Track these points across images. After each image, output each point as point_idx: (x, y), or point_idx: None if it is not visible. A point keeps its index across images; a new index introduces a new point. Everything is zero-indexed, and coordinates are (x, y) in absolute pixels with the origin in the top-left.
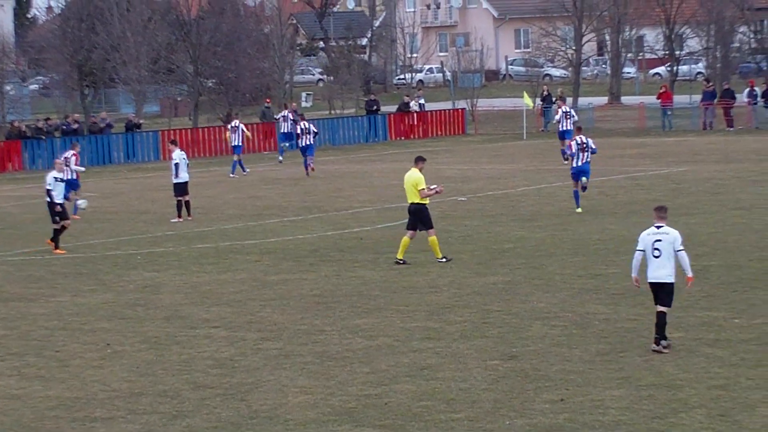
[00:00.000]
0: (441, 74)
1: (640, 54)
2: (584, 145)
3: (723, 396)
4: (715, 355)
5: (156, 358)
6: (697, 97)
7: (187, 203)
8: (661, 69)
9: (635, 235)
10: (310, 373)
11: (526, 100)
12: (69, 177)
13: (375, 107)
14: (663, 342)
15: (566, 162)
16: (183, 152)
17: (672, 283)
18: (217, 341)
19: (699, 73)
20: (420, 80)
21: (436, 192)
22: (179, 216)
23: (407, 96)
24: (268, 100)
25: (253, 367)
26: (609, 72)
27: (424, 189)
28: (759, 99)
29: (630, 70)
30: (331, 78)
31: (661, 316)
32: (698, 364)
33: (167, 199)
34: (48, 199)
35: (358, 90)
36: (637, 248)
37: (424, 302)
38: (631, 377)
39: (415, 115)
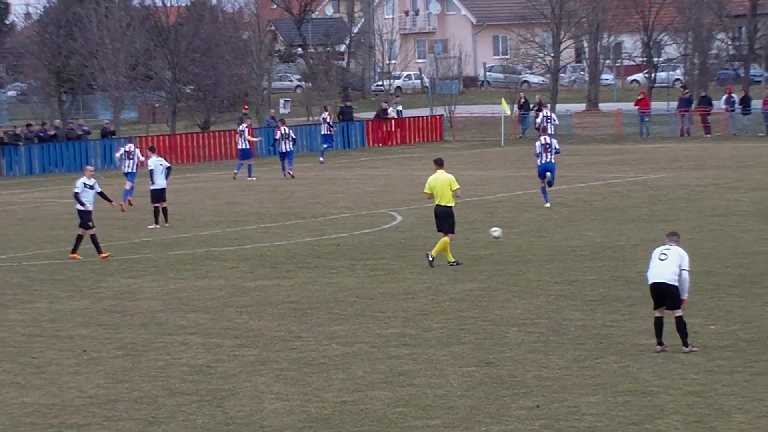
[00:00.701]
0: (419, 81)
1: (618, 61)
2: (548, 146)
3: (699, 402)
4: (691, 362)
5: (132, 365)
6: (675, 104)
7: (165, 210)
8: (639, 76)
9: (612, 242)
10: (287, 379)
11: (504, 107)
12: (131, 170)
13: (348, 114)
14: (690, 346)
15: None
16: (161, 159)
17: (675, 287)
18: (193, 348)
19: (677, 79)
20: (398, 87)
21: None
22: (156, 222)
23: (385, 102)
24: (246, 107)
25: (229, 373)
26: (587, 79)
27: (459, 188)
28: (736, 106)
29: (608, 77)
30: (309, 84)
31: (678, 320)
32: (674, 370)
33: (144, 206)
34: (79, 207)
35: (336, 96)
36: (649, 266)
37: (400, 309)
38: (607, 383)
39: (393, 121)
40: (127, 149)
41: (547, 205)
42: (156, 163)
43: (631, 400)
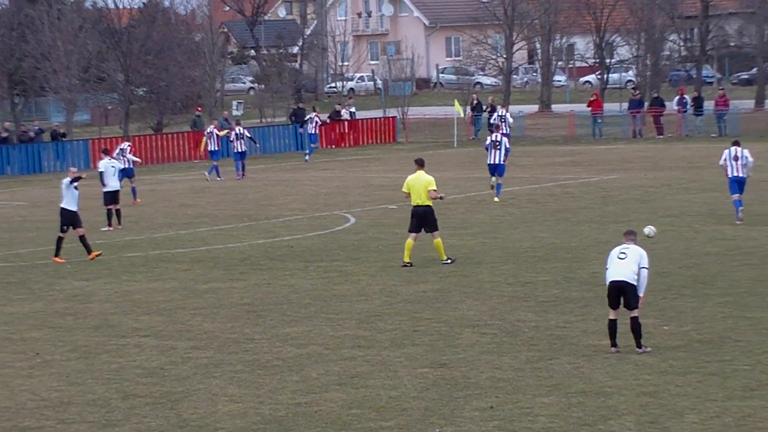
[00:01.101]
0: (372, 82)
1: (571, 62)
2: (497, 143)
3: (652, 403)
4: (644, 362)
5: (86, 367)
6: (627, 105)
7: (118, 212)
8: (591, 77)
9: (565, 243)
10: (240, 381)
11: (457, 108)
12: (126, 166)
13: (301, 116)
14: (644, 347)
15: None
16: (113, 161)
17: (634, 286)
18: (147, 350)
19: (629, 81)
20: (351, 88)
21: (440, 197)
22: (109, 225)
23: (338, 104)
24: (199, 109)
25: (183, 375)
26: (539, 80)
27: (436, 189)
28: (689, 107)
29: (560, 78)
30: (262, 86)
31: (634, 320)
32: (627, 371)
33: (97, 208)
34: (63, 206)
35: (289, 98)
36: (607, 267)
37: (354, 310)
38: (561, 384)
39: (346, 123)
40: (121, 148)
41: (496, 199)
42: (107, 165)
43: (584, 401)
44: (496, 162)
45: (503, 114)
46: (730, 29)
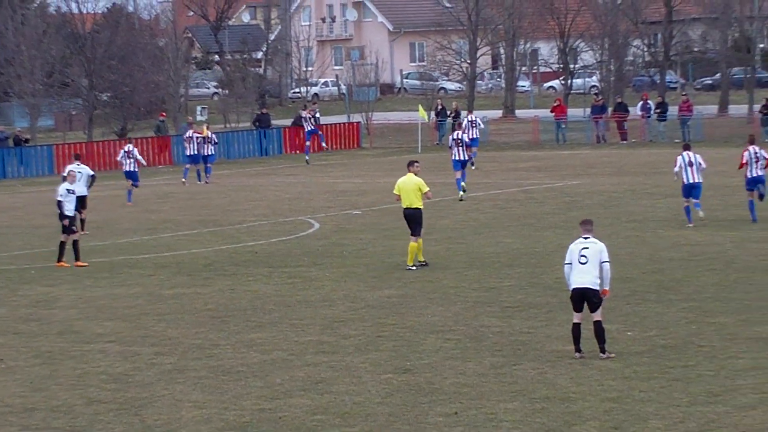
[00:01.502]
0: (336, 88)
1: (535, 67)
2: (459, 141)
3: (616, 408)
4: (608, 368)
5: (50, 373)
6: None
7: (82, 218)
8: (555, 82)
9: (529, 248)
10: (205, 387)
11: (421, 114)
12: (131, 168)
13: (265, 122)
14: (607, 352)
15: (474, 168)
16: (82, 166)
17: (597, 290)
18: (111, 356)
19: (593, 86)
20: (315, 94)
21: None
22: (82, 229)
23: (302, 109)
24: (162, 114)
25: (147, 381)
26: (503, 85)
27: (429, 191)
28: (652, 112)
29: (524, 84)
30: (226, 92)
31: (597, 324)
32: (591, 376)
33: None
34: (59, 211)
35: (253, 104)
36: (565, 262)
37: (318, 316)
38: (525, 390)
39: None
40: (126, 150)
41: (462, 194)
42: (74, 170)
43: (548, 406)
44: (461, 158)
45: (473, 119)
46: (694, 35)
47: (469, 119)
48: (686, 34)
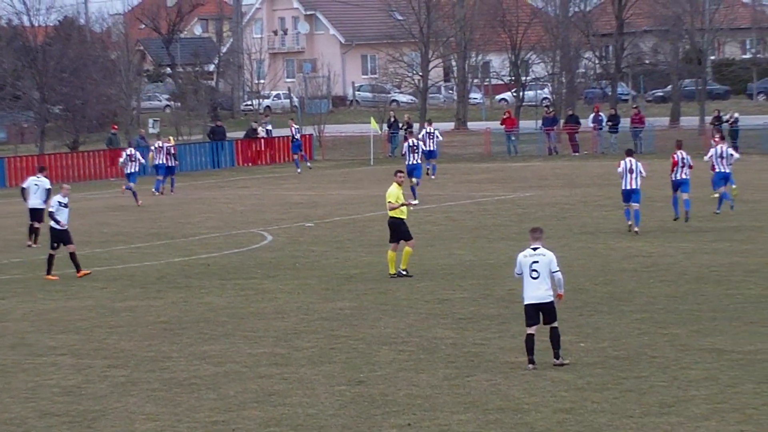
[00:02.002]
0: (288, 100)
1: (486, 80)
2: (414, 147)
3: (569, 419)
4: (561, 379)
5: (2, 386)
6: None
7: (36, 230)
8: (507, 95)
9: (482, 260)
10: (158, 400)
11: (374, 126)
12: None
13: (219, 134)
14: (561, 358)
15: (433, 177)
16: (41, 179)
17: (552, 302)
18: (63, 369)
19: (545, 98)
20: (267, 106)
21: (410, 204)
22: (34, 242)
23: (254, 122)
24: (114, 127)
25: (100, 394)
26: (455, 98)
27: (391, 202)
28: (604, 124)
29: (476, 96)
30: (178, 104)
31: (554, 330)
32: (544, 387)
33: (14, 227)
34: (51, 224)
35: (206, 116)
36: (516, 272)
37: (271, 328)
38: (478, 401)
39: (262, 141)
40: (128, 153)
41: (416, 201)
42: (31, 182)
43: (501, 417)
44: (415, 162)
45: (431, 131)
46: (645, 47)
47: (427, 131)
48: (637, 46)
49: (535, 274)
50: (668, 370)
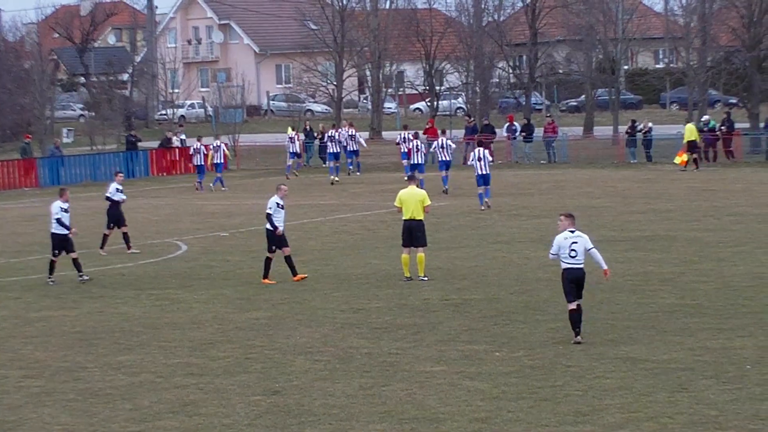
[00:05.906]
0: (203, 110)
1: (401, 89)
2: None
3: (484, 429)
4: (476, 388)
5: None
6: (457, 132)
7: None
8: (421, 104)
9: (397, 270)
10: (73, 410)
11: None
12: (219, 161)
13: (134, 144)
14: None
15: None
16: None
17: (585, 273)
18: None
19: (459, 108)
20: (182, 116)
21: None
22: None
23: (169, 132)
24: (28, 136)
25: (14, 404)
26: (370, 107)
27: (430, 204)
28: (518, 134)
29: (391, 105)
30: (92, 113)
31: (580, 307)
32: (460, 397)
33: None
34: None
35: (120, 126)
36: (551, 252)
37: (186, 338)
38: (394, 411)
39: (177, 150)
40: (218, 144)
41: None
42: None
43: (417, 427)
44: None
45: (353, 133)
46: (559, 56)
47: (350, 133)
48: (551, 56)
49: (573, 254)
50: (583, 379)
